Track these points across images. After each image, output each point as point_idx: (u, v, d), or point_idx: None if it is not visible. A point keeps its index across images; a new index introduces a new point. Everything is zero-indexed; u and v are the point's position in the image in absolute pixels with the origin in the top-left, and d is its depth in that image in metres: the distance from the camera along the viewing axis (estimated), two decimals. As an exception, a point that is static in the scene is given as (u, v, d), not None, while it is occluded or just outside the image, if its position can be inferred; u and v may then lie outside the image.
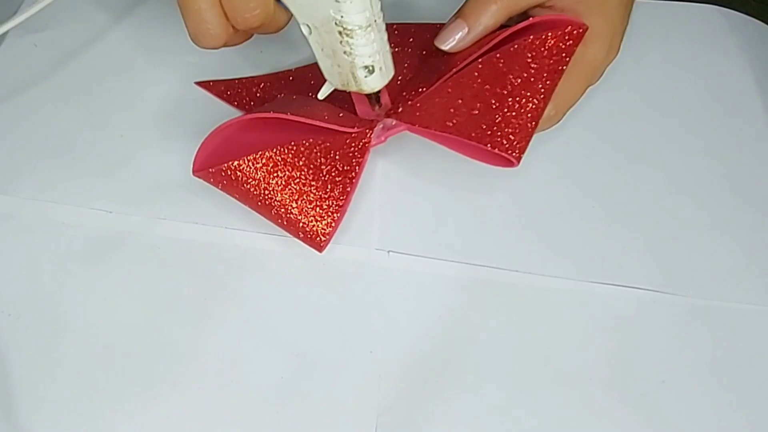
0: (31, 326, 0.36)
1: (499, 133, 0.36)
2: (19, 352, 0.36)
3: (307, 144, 0.36)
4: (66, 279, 0.38)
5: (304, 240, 0.38)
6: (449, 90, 0.37)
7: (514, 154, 0.36)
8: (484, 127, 0.36)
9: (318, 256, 0.39)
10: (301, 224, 0.37)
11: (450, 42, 0.37)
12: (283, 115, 0.36)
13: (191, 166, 0.38)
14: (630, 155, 0.44)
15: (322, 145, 0.37)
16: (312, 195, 0.37)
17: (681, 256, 0.41)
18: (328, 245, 0.38)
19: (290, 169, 0.36)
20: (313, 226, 0.37)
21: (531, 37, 0.36)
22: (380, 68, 0.33)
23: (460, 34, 0.37)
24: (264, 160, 0.36)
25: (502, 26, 0.38)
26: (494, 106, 0.36)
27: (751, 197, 0.43)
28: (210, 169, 0.37)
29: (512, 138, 0.36)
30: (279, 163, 0.36)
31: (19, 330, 0.36)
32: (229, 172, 0.36)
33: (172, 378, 0.36)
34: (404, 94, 0.39)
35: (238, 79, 0.44)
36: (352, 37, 0.31)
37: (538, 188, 0.42)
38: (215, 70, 0.45)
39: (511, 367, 0.37)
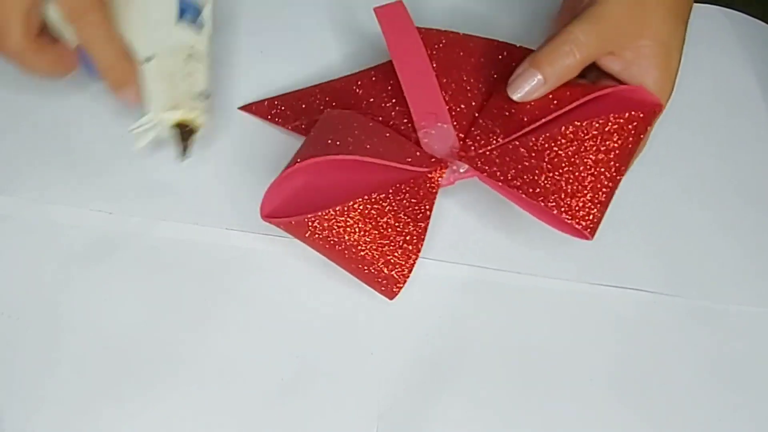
0: (31, 327, 0.36)
1: (576, 205, 0.35)
2: (19, 353, 0.36)
3: (387, 193, 0.35)
4: (66, 280, 0.37)
5: (378, 287, 0.37)
6: (528, 149, 0.36)
7: (588, 230, 0.35)
8: (562, 195, 0.35)
9: (317, 258, 0.39)
10: (379, 272, 0.36)
11: (522, 91, 0.36)
12: (356, 158, 0.35)
13: (190, 167, 0.38)
14: (631, 156, 0.44)
15: (400, 189, 0.36)
16: (391, 241, 0.35)
17: (683, 258, 0.41)
18: None
19: (368, 221, 0.35)
20: (392, 272, 0.36)
21: (621, 114, 0.36)
22: (209, 96, 0.38)
23: (534, 84, 0.36)
24: (343, 216, 0.35)
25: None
26: (574, 177, 0.35)
27: (754, 198, 0.43)
28: (285, 219, 0.35)
29: (592, 213, 0.35)
30: (357, 216, 0.35)
31: (19, 331, 0.36)
32: (304, 222, 0.35)
33: (172, 379, 0.36)
34: (475, 132, 0.38)
35: (279, 97, 0.43)
36: (197, 64, 0.36)
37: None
38: (215, 69, 0.45)
39: (513, 369, 0.37)
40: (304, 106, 0.42)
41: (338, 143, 0.36)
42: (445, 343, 0.38)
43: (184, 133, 0.37)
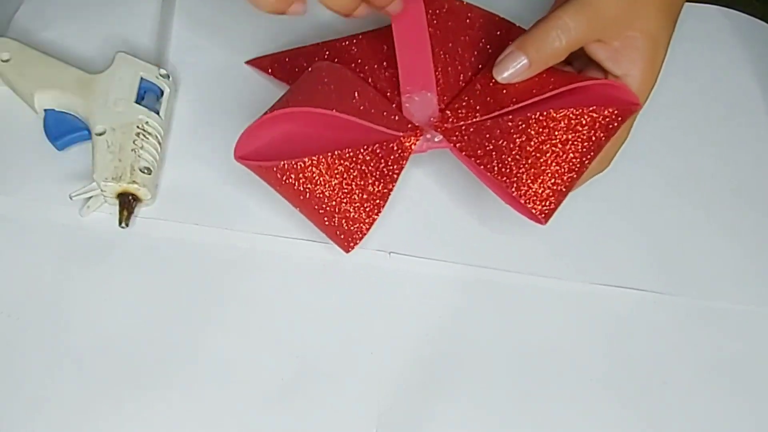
0: (32, 327, 0.36)
1: (535, 190, 0.36)
2: (19, 354, 0.36)
3: (356, 151, 0.36)
4: (66, 280, 0.37)
5: (336, 239, 0.38)
6: (501, 130, 0.36)
7: (543, 215, 0.36)
8: (524, 179, 0.36)
9: (317, 258, 0.39)
10: (339, 225, 0.37)
11: (506, 72, 0.37)
12: (334, 113, 0.35)
13: (191, 167, 0.38)
14: (632, 156, 0.44)
15: (369, 149, 0.36)
16: (354, 198, 0.36)
17: (682, 257, 0.41)
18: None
19: (338, 174, 0.36)
20: (351, 227, 0.37)
21: (597, 108, 0.36)
22: (155, 173, 0.40)
23: (519, 67, 0.36)
24: (311, 168, 0.35)
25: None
26: (539, 163, 0.36)
27: (753, 198, 0.43)
28: (256, 163, 0.36)
29: (550, 199, 0.36)
30: (328, 169, 0.35)
31: (19, 331, 0.36)
32: (274, 170, 0.35)
33: (172, 378, 0.36)
34: (456, 106, 0.38)
35: (281, 53, 0.44)
36: (147, 140, 0.39)
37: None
38: (215, 71, 0.45)
39: (512, 369, 0.37)
40: (305, 63, 0.43)
41: (322, 95, 0.36)
42: (445, 343, 0.38)
43: (129, 202, 0.39)
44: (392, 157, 0.37)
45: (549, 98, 0.36)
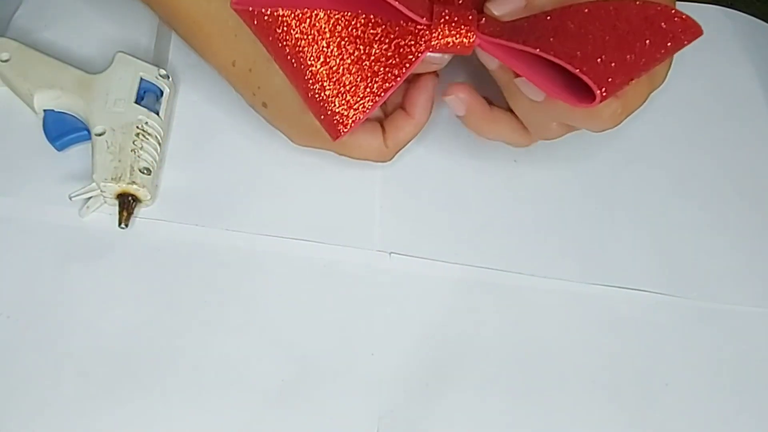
0: (31, 328, 0.36)
1: (595, 66, 0.30)
2: (18, 355, 0.35)
3: (364, 20, 0.31)
4: (66, 281, 0.37)
5: (323, 122, 0.34)
6: (551, 15, 0.32)
7: (602, 89, 0.29)
8: (579, 54, 0.30)
9: (318, 257, 0.39)
10: (327, 104, 0.32)
11: (504, 8, 0.33)
12: None
13: (190, 168, 0.38)
14: (633, 157, 0.44)
15: (381, 26, 0.32)
16: (349, 78, 0.32)
17: (685, 259, 0.41)
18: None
19: (337, 41, 0.31)
20: (340, 111, 0.32)
21: (672, 9, 0.32)
22: (154, 173, 0.39)
23: (517, 8, 0.33)
24: (310, 21, 0.31)
25: None
26: (602, 41, 0.31)
27: (756, 199, 0.43)
28: (250, 9, 0.31)
29: (612, 74, 0.30)
30: (326, 31, 0.31)
31: (18, 332, 0.36)
32: (269, 19, 0.31)
33: (172, 380, 0.36)
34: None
35: None
36: (147, 140, 0.39)
37: (540, 190, 0.42)
38: (215, 72, 0.45)
39: (514, 370, 0.37)
40: None
41: None
42: (446, 343, 0.38)
43: (129, 202, 0.38)
44: (408, 43, 0.32)
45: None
